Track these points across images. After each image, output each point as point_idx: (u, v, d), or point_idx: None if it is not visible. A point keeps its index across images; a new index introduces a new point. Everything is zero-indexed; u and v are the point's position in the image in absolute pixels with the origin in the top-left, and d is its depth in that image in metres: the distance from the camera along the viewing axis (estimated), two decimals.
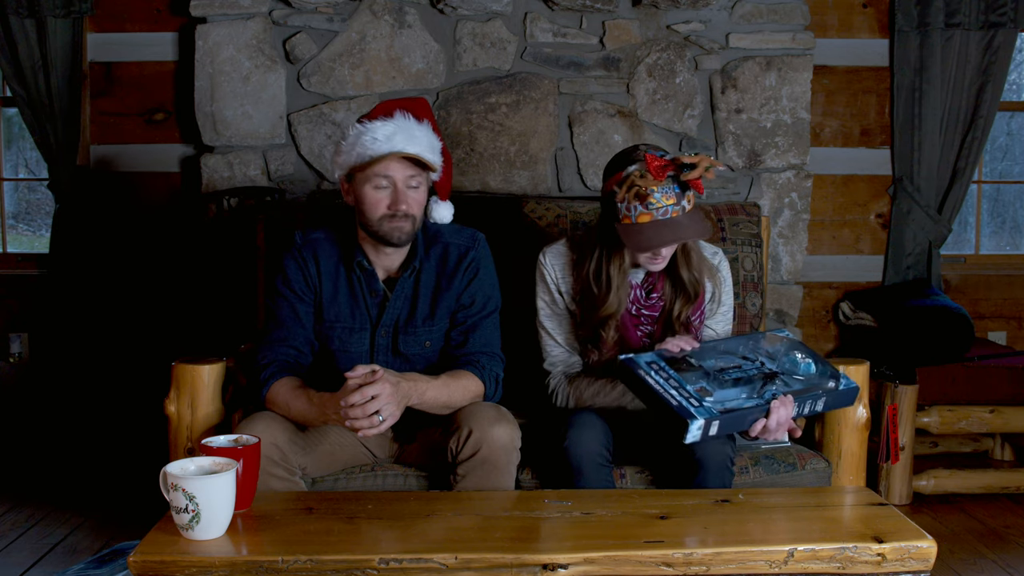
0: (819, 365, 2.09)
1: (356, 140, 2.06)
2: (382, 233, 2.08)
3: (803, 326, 3.52)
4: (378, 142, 2.03)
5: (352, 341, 2.17)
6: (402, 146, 2.03)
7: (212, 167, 3.20)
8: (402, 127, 2.05)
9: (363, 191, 2.07)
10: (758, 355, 2.08)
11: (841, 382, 2.06)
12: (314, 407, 1.99)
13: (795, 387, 2.00)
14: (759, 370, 2.03)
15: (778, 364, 2.06)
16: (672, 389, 1.93)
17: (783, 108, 3.22)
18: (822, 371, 2.08)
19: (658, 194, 1.99)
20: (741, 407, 1.91)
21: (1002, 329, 3.74)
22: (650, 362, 2.00)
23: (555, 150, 3.22)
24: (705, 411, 1.87)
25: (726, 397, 1.93)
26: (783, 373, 2.03)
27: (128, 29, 3.41)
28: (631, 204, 2.01)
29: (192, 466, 1.70)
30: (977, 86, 3.52)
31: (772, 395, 1.96)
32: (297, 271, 2.16)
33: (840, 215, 3.63)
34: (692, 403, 1.89)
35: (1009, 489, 3.20)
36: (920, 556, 1.63)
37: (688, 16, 3.18)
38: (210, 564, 1.55)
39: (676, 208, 2.00)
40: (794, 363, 2.08)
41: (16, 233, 3.91)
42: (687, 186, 2.02)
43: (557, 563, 1.56)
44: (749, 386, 1.98)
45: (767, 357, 2.08)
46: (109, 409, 3.45)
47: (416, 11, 3.16)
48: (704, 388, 1.94)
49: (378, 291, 2.16)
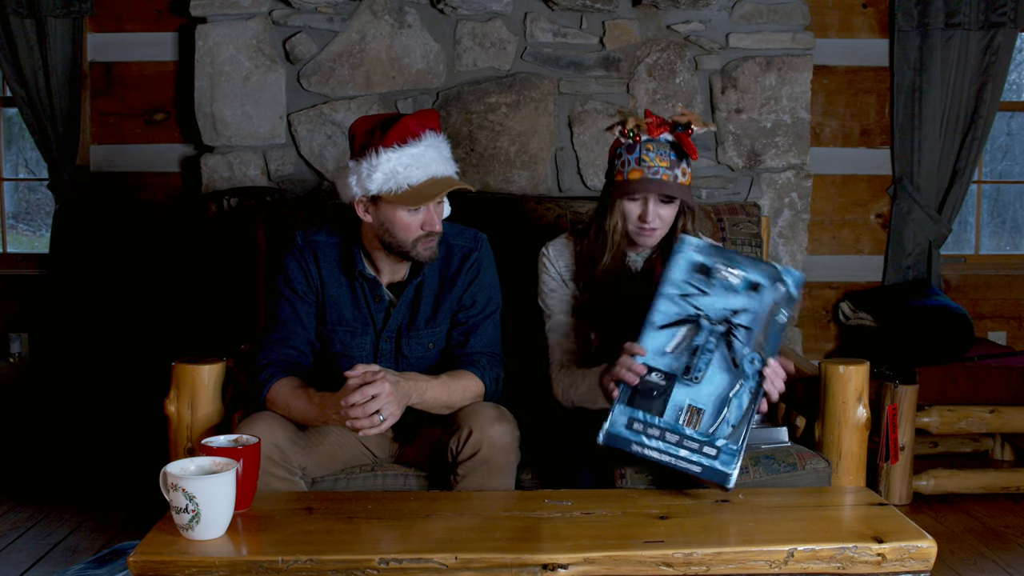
0: (751, 273, 1.88)
1: (390, 169, 1.98)
2: (415, 254, 2.06)
3: (803, 326, 3.52)
4: (415, 170, 1.98)
5: (354, 345, 2.16)
6: (441, 171, 2.02)
7: (212, 167, 3.20)
8: (435, 151, 2.02)
9: (395, 215, 2.02)
10: (697, 305, 1.88)
11: (787, 282, 1.89)
12: (314, 406, 1.99)
13: (755, 328, 1.85)
14: (713, 331, 1.86)
15: (717, 302, 1.87)
16: (679, 449, 1.81)
17: (783, 108, 3.22)
18: (762, 283, 1.88)
19: (652, 154, 2.06)
20: (743, 411, 1.83)
21: (1002, 329, 3.74)
22: (628, 423, 1.85)
23: (555, 150, 3.22)
24: (729, 456, 1.79)
25: (713, 390, 1.83)
26: (734, 315, 1.86)
27: (128, 29, 3.41)
28: (625, 159, 2.08)
29: (192, 466, 1.70)
30: (977, 86, 3.52)
31: (753, 367, 1.83)
32: (299, 271, 2.16)
33: (840, 215, 3.64)
34: (709, 454, 1.79)
35: (1009, 489, 3.20)
36: (920, 556, 1.63)
37: (688, 16, 3.18)
38: (210, 564, 1.55)
39: (668, 172, 2.06)
40: (729, 289, 1.88)
41: (16, 233, 3.91)
42: (683, 155, 2.08)
43: (557, 563, 1.56)
44: (722, 366, 1.84)
45: (701, 295, 1.89)
46: (109, 409, 3.45)
47: (416, 11, 3.16)
48: (693, 408, 1.83)
49: (383, 297, 2.16)
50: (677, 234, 2.15)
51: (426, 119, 2.06)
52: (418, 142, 2.00)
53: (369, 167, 2.00)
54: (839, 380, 2.24)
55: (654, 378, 1.85)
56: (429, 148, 2.01)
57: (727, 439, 1.81)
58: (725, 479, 1.79)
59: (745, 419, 1.82)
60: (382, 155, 1.99)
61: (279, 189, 3.17)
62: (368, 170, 2.00)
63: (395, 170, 1.98)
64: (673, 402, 1.84)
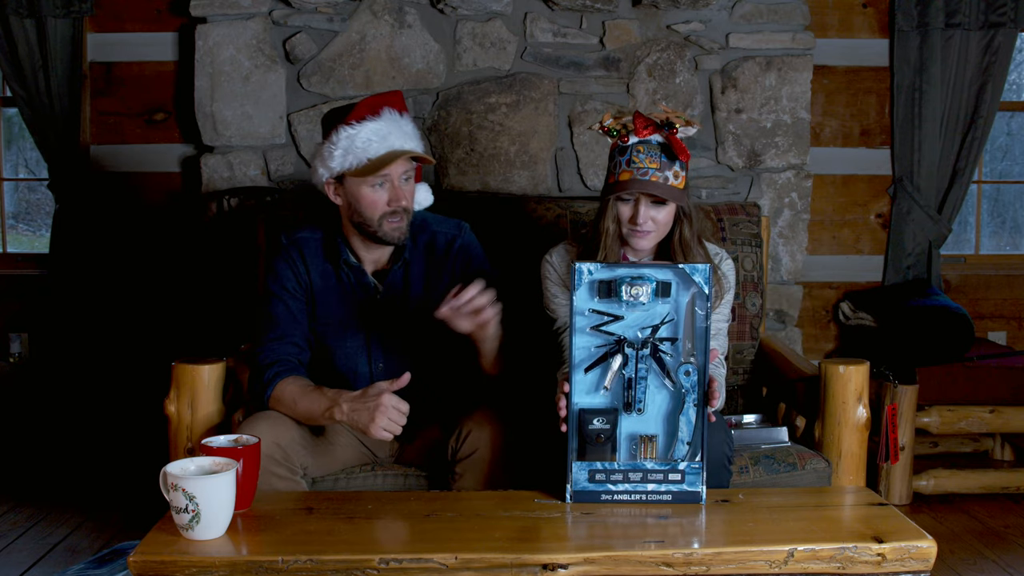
0: (658, 274, 1.80)
1: (349, 144, 2.05)
2: (382, 234, 2.09)
3: (803, 326, 3.52)
4: (374, 143, 2.04)
5: (347, 336, 2.17)
6: (400, 144, 2.04)
7: (212, 167, 3.20)
8: (394, 125, 2.07)
9: (360, 192, 2.07)
10: (614, 332, 1.81)
11: (695, 279, 1.79)
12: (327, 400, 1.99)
13: (679, 337, 1.79)
14: (639, 356, 1.79)
15: (634, 323, 1.80)
16: (647, 484, 1.79)
17: (783, 108, 3.22)
18: (671, 281, 1.79)
19: (642, 155, 2.06)
20: (693, 426, 1.80)
21: (1002, 329, 3.74)
22: (590, 477, 1.80)
23: (555, 150, 3.22)
24: (694, 476, 1.79)
25: (658, 412, 1.79)
26: (654, 331, 1.79)
27: (128, 29, 3.41)
28: (617, 161, 2.09)
29: (192, 466, 1.70)
30: (977, 86, 3.52)
31: (691, 379, 1.79)
32: (287, 270, 2.18)
33: (840, 215, 3.64)
34: (675, 479, 1.78)
35: (1009, 489, 3.20)
36: (920, 556, 1.63)
37: (688, 16, 3.18)
38: (210, 564, 1.55)
39: (657, 173, 2.06)
40: (640, 305, 1.79)
41: (16, 233, 3.91)
42: (675, 157, 2.07)
43: (557, 563, 1.57)
44: (660, 386, 1.80)
45: (614, 320, 1.80)
46: (109, 409, 3.45)
47: (416, 11, 3.16)
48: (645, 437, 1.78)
49: (368, 286, 2.17)
50: (674, 241, 2.15)
51: (386, 99, 2.11)
52: (376, 118, 2.06)
53: (331, 146, 2.07)
54: (839, 380, 2.24)
55: (597, 424, 1.78)
56: (388, 123, 2.06)
57: (687, 459, 1.79)
58: (696, 498, 1.79)
59: (698, 432, 1.80)
60: (341, 132, 2.06)
61: (279, 189, 3.17)
62: (330, 149, 2.07)
63: (353, 144, 2.04)
64: (624, 437, 1.80)
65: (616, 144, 2.12)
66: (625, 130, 2.09)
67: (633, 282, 1.78)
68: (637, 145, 2.08)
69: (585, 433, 1.79)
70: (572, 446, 1.80)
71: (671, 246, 2.17)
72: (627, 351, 1.79)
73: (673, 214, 2.14)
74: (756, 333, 2.76)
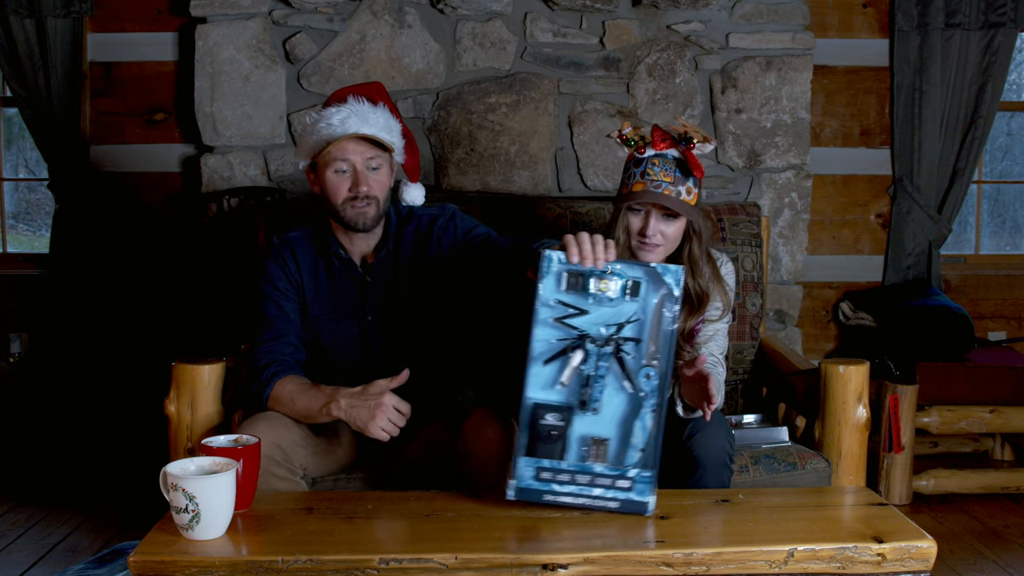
0: (628, 271, 1.72)
1: (313, 128, 2.10)
2: (347, 219, 2.11)
3: (803, 326, 3.52)
4: (332, 127, 2.07)
5: (341, 331, 2.18)
6: (356, 128, 2.07)
7: (212, 167, 3.20)
8: (356, 111, 2.09)
9: (325, 177, 2.11)
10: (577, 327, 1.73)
11: (667, 280, 1.71)
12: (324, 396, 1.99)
13: (644, 339, 1.71)
14: (600, 354, 1.72)
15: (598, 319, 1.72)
16: (593, 489, 1.71)
17: (783, 108, 3.22)
18: (641, 280, 1.72)
19: (657, 168, 2.08)
20: (648, 433, 1.72)
21: (1002, 329, 3.74)
22: (535, 474, 1.73)
23: (555, 150, 3.22)
24: (644, 485, 1.70)
25: (613, 415, 1.72)
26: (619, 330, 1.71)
27: (128, 29, 3.41)
28: (631, 172, 2.11)
29: (192, 466, 1.70)
30: (977, 86, 3.52)
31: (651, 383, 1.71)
32: (278, 269, 2.19)
33: (840, 215, 3.64)
34: (623, 487, 1.70)
35: (1009, 489, 3.20)
36: (920, 556, 1.63)
37: (688, 16, 3.18)
38: (210, 564, 1.55)
39: (671, 187, 2.07)
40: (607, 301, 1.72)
41: (16, 233, 3.90)
42: (689, 174, 2.08)
43: (557, 563, 1.56)
44: (618, 387, 1.73)
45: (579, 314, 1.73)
46: (109, 409, 3.45)
47: (416, 11, 3.16)
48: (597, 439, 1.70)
49: (357, 276, 2.18)
50: (683, 258, 2.16)
51: (359, 88, 2.16)
52: (343, 105, 2.10)
53: (305, 133, 2.14)
54: (839, 380, 2.24)
55: (550, 420, 1.71)
56: (350, 109, 2.09)
57: (638, 467, 1.71)
58: (643, 508, 1.72)
59: (652, 439, 1.72)
60: (307, 119, 2.15)
61: (279, 189, 3.17)
62: (302, 137, 2.15)
63: (316, 128, 2.09)
64: (575, 438, 1.73)
65: (632, 156, 2.14)
66: (643, 141, 2.11)
67: (603, 276, 1.70)
68: (653, 158, 2.09)
69: (537, 428, 1.71)
70: (522, 441, 1.73)
71: (679, 262, 2.17)
72: (588, 347, 1.71)
73: (683, 230, 2.15)
74: (756, 333, 2.76)
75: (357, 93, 2.14)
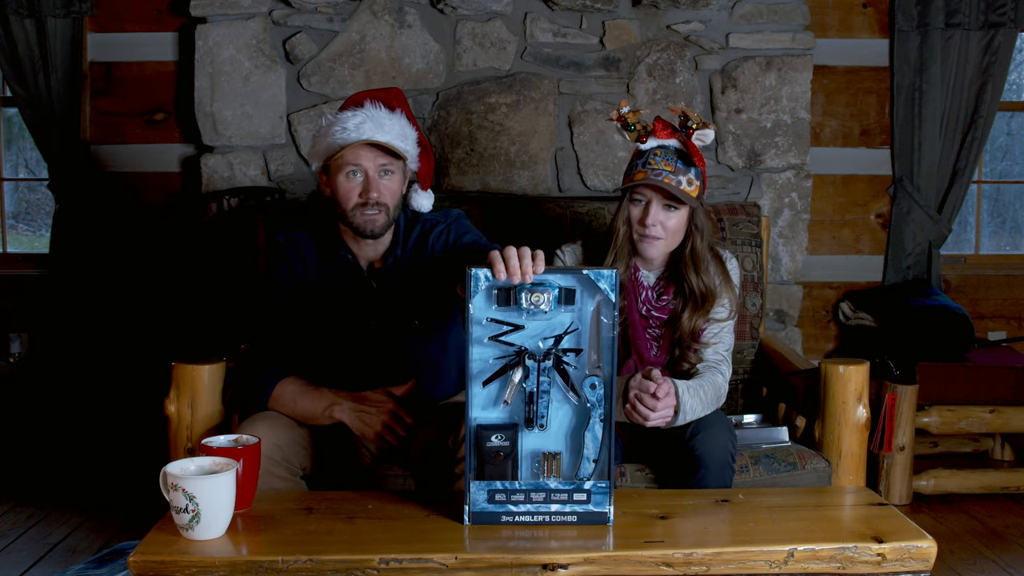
0: (560, 279, 1.66)
1: (328, 131, 2.09)
2: (356, 224, 2.10)
3: (803, 326, 3.52)
4: (347, 131, 2.05)
5: (346, 334, 2.18)
6: (370, 134, 2.05)
7: (212, 167, 3.20)
8: (371, 116, 2.08)
9: (336, 181, 2.10)
10: (513, 343, 1.68)
11: (600, 285, 1.64)
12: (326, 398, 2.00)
13: (584, 347, 1.67)
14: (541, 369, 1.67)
15: (535, 332, 1.68)
16: (550, 505, 1.68)
17: (783, 108, 3.22)
18: (575, 287, 1.66)
19: (659, 159, 2.10)
20: (599, 442, 1.68)
21: (1002, 329, 3.74)
22: (489, 497, 1.68)
23: (555, 150, 3.22)
24: (601, 496, 1.67)
25: (561, 427, 1.69)
26: (557, 342, 1.67)
27: (128, 29, 3.41)
28: (634, 163, 2.14)
29: (192, 466, 1.70)
30: (977, 86, 3.52)
31: (596, 393, 1.67)
32: (284, 268, 2.19)
33: (840, 215, 3.63)
34: (580, 499, 1.67)
35: (1009, 489, 3.20)
36: (920, 556, 1.63)
37: (688, 16, 3.18)
38: (210, 564, 1.55)
39: (671, 176, 2.09)
40: (542, 313, 1.66)
41: (16, 233, 3.90)
42: (691, 164, 2.11)
43: (557, 563, 1.56)
44: (563, 399, 1.69)
45: (514, 330, 1.67)
46: (109, 409, 3.45)
47: (416, 11, 3.16)
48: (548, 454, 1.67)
49: (363, 282, 2.17)
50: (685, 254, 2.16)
51: (377, 93, 2.15)
52: (359, 110, 2.08)
53: (319, 135, 2.12)
54: (839, 380, 2.24)
55: (495, 441, 1.66)
56: (366, 114, 2.07)
57: (593, 478, 1.67)
58: (603, 519, 1.69)
59: (604, 447, 1.68)
60: (323, 121, 2.12)
61: (279, 189, 3.17)
62: (319, 138, 2.12)
63: (331, 132, 2.07)
64: (525, 455, 1.69)
65: (636, 150, 2.15)
66: (644, 129, 2.12)
67: (533, 289, 1.63)
68: (655, 149, 2.12)
69: (483, 451, 1.66)
70: (470, 465, 1.67)
71: (682, 258, 2.17)
72: (528, 363, 1.66)
73: (684, 223, 2.14)
74: (756, 333, 2.76)
75: (375, 98, 2.11)
